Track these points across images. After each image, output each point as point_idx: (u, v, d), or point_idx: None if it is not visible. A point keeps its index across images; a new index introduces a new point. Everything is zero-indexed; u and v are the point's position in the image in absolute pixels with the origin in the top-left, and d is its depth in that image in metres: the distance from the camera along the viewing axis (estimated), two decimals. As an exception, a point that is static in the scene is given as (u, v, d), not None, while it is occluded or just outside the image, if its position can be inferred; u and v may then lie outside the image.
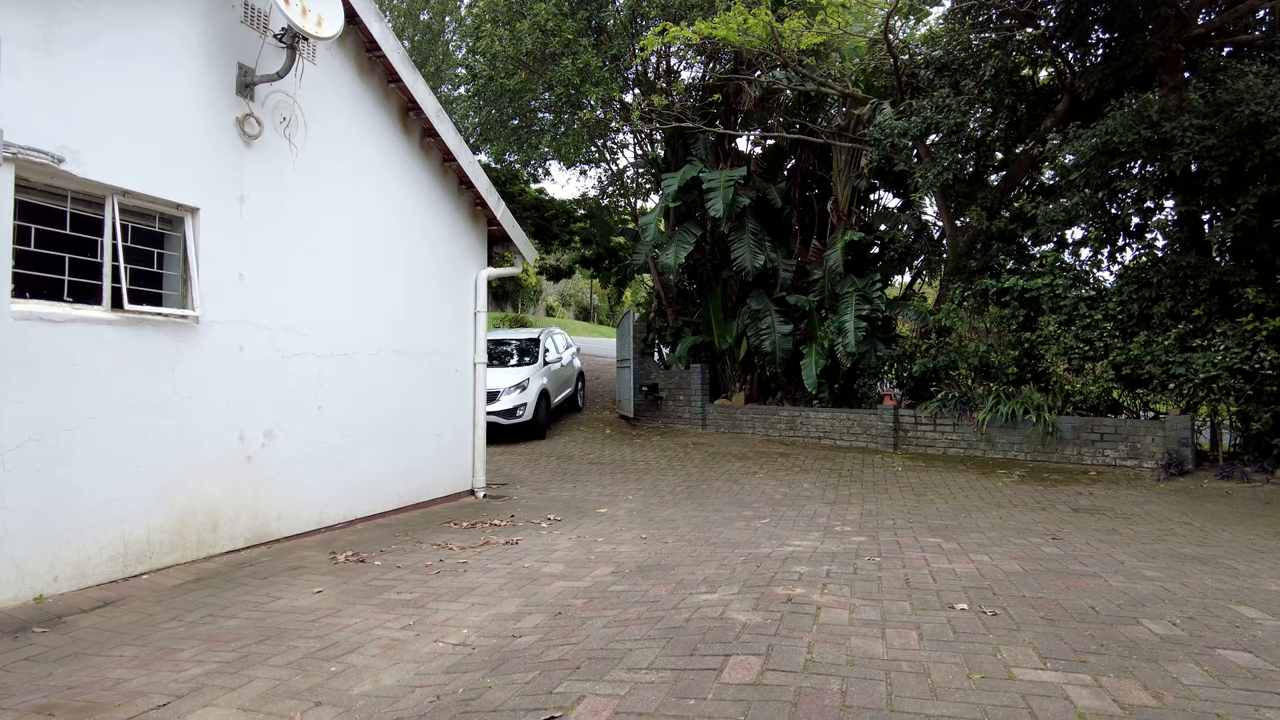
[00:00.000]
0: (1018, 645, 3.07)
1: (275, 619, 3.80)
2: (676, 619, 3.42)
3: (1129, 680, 2.72)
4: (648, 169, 16.99)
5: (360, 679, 3.03)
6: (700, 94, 14.94)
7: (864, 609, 3.56)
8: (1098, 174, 9.84)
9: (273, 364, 5.53)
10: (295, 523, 5.74)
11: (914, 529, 5.88)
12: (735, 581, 4.13)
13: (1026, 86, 12.11)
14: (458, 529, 6.18)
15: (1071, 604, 3.72)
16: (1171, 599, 3.85)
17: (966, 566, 4.53)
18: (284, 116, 5.60)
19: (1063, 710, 2.46)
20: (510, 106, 14.72)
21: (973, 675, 2.73)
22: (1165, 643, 3.15)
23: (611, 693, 2.58)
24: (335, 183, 6.12)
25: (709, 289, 14.95)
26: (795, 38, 11.56)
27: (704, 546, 5.25)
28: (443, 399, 7.40)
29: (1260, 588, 4.16)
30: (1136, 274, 10.06)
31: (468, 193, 7.66)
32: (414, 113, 6.92)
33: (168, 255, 4.95)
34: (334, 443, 6.08)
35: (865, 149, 12.23)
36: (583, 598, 4.03)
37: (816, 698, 2.48)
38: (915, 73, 12.11)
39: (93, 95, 4.29)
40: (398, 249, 6.82)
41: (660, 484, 8.75)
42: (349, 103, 6.28)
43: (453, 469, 7.57)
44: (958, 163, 11.08)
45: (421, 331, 7.09)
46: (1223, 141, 8.53)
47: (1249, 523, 6.45)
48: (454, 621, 3.76)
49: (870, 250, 13.99)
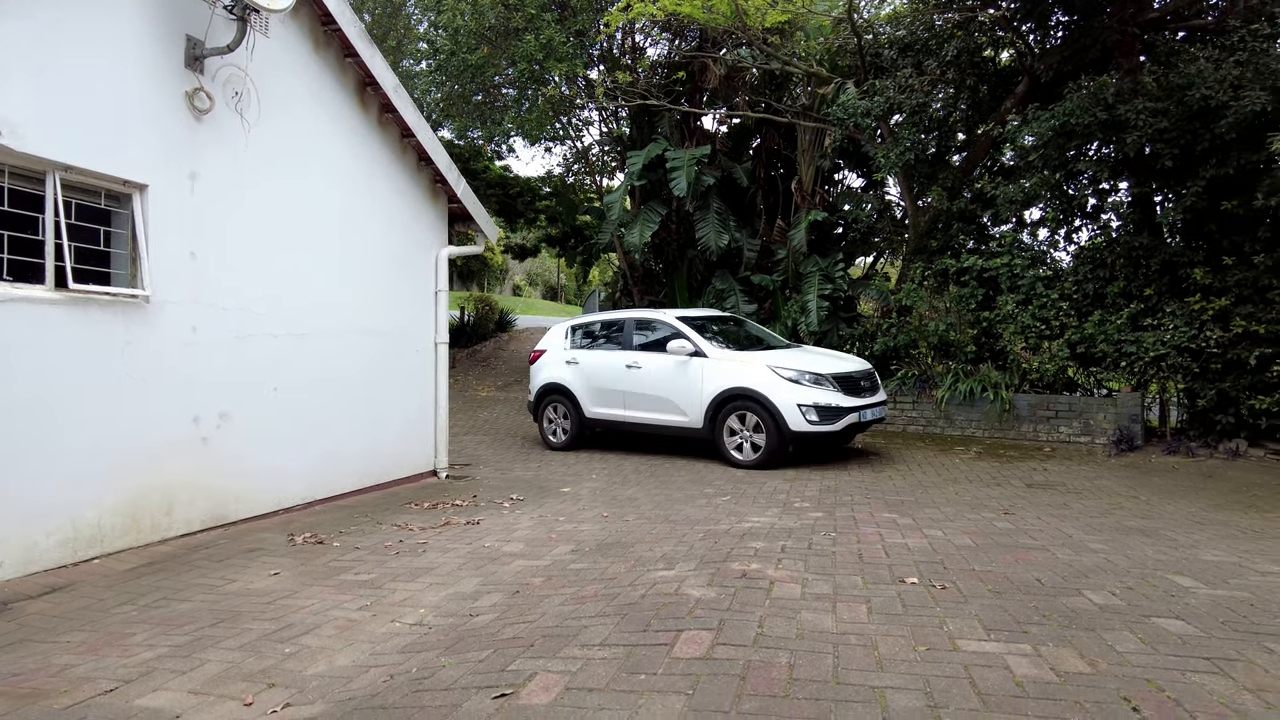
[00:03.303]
0: (964, 618, 3.15)
1: (230, 601, 3.77)
2: (633, 595, 3.46)
3: (1067, 649, 2.81)
4: (613, 146, 16.89)
5: (315, 660, 3.02)
6: (666, 71, 14.86)
7: (816, 583, 3.63)
8: (1055, 155, 9.99)
9: (228, 344, 5.44)
10: (253, 505, 5.68)
11: (870, 505, 5.99)
12: (693, 558, 4.18)
13: (988, 67, 12.21)
14: (419, 510, 6.17)
15: (1019, 576, 3.83)
16: (1114, 570, 3.97)
17: (919, 541, 4.63)
18: (236, 91, 5.46)
19: (1002, 679, 2.53)
20: (473, 82, 14.53)
21: (919, 647, 2.81)
22: (1104, 612, 3.25)
23: (564, 669, 2.61)
24: (291, 159, 6.00)
25: (675, 268, 14.96)
26: (760, 16, 11.52)
27: (664, 524, 5.30)
28: (404, 379, 7.34)
29: (1197, 558, 4.31)
30: (1091, 254, 10.25)
31: (427, 169, 7.55)
32: (371, 88, 6.79)
33: (115, 233, 4.83)
34: (292, 424, 6.01)
35: (829, 129, 12.27)
36: (541, 576, 4.05)
37: (764, 670, 2.54)
38: (879, 52, 12.14)
39: (30, 67, 4.15)
40: (356, 227, 6.72)
41: (624, 463, 8.79)
42: (304, 78, 6.14)
43: (414, 449, 7.53)
44: (920, 143, 11.17)
45: (381, 311, 7.01)
46: (1174, 124, 8.69)
47: (1191, 496, 6.67)
48: (411, 601, 3.76)
49: (834, 230, 14.09)
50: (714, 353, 8.65)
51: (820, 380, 8.10)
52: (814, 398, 7.98)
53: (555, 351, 10.28)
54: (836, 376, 8.20)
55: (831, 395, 8.03)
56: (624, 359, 9.41)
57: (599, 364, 9.68)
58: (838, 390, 8.10)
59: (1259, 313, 8.60)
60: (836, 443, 8.74)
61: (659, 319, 9.42)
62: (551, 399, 10.18)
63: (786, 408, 7.99)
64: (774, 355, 8.67)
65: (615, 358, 9.54)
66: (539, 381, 10.31)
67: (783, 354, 8.80)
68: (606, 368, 9.59)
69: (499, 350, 20.98)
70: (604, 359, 9.67)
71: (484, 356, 20.17)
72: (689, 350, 8.70)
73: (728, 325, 9.89)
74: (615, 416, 9.53)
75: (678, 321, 9.15)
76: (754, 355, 8.61)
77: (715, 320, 9.82)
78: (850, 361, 8.93)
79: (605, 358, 9.66)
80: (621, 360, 9.45)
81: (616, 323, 9.90)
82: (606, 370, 9.57)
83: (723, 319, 10.04)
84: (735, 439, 8.38)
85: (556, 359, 10.18)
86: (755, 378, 8.25)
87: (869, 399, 8.42)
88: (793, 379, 8.10)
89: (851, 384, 8.31)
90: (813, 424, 7.94)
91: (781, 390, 8.06)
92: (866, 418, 8.32)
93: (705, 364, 8.62)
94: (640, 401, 9.22)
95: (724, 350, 8.72)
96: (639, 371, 9.20)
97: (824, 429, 7.98)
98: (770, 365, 8.26)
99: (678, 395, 8.82)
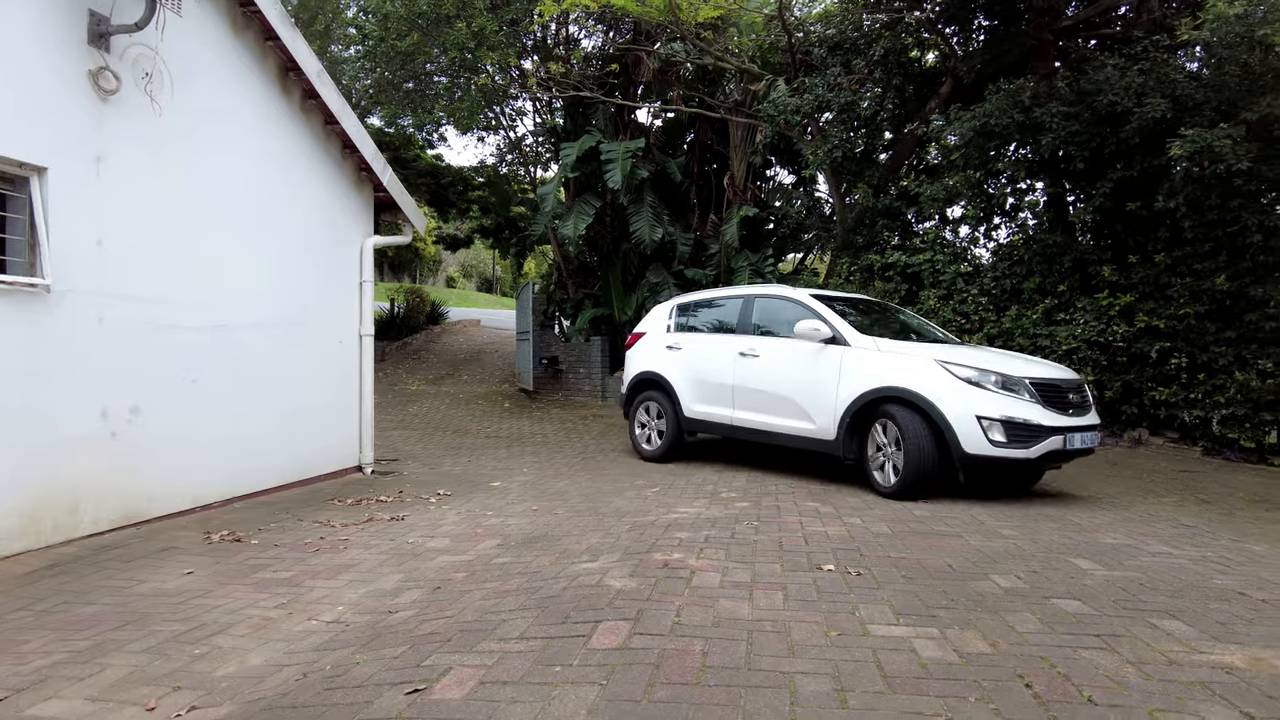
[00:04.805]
0: (876, 603, 3.25)
1: (138, 603, 3.64)
2: (554, 588, 3.47)
3: (971, 631, 2.93)
4: (547, 138, 16.77)
5: (225, 660, 2.95)
6: (600, 63, 14.82)
7: (736, 572, 3.70)
8: (977, 155, 10.33)
9: (139, 336, 5.22)
10: (168, 502, 5.48)
11: (795, 494, 6.11)
12: (617, 549, 4.21)
13: (914, 68, 12.56)
14: (342, 506, 6.05)
15: (931, 562, 3.97)
16: (1021, 555, 4.15)
17: (839, 529, 4.75)
18: (146, 71, 5.24)
19: (908, 662, 2.63)
20: (403, 69, 14.24)
21: (830, 633, 2.89)
22: (1008, 595, 3.40)
23: (480, 663, 2.60)
24: (208, 145, 5.78)
25: (609, 261, 14.96)
26: (693, 10, 11.59)
27: (592, 516, 5.31)
28: (327, 373, 7.17)
29: (1098, 541, 4.54)
30: (1010, 251, 10.65)
31: (352, 157, 7.38)
32: (294, 73, 6.60)
33: (12, 219, 4.58)
34: (210, 418, 5.81)
35: (761, 125, 12.44)
36: (465, 571, 4.03)
37: (679, 659, 2.58)
38: (809, 51, 12.36)
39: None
40: (277, 216, 6.53)
41: (556, 456, 8.77)
42: (222, 60, 5.92)
43: (339, 445, 7.37)
44: (848, 141, 11.42)
45: (303, 302, 6.83)
46: (1085, 128, 9.09)
47: (1098, 483, 7.01)
48: (330, 599, 3.69)
49: (765, 226, 14.29)
50: (858, 340, 6.54)
51: (1012, 386, 5.88)
52: (1002, 409, 5.75)
53: (655, 335, 8.50)
54: (1036, 384, 5.93)
55: (1028, 408, 5.78)
56: (736, 345, 7.48)
57: (704, 350, 7.84)
58: (1035, 402, 5.83)
59: (1159, 308, 9.07)
60: (1024, 476, 6.46)
61: (787, 296, 7.40)
62: (645, 395, 8.39)
63: (961, 420, 5.78)
64: (943, 349, 6.37)
65: (725, 344, 7.61)
66: (632, 372, 8.56)
67: (954, 349, 6.55)
68: (713, 355, 7.70)
69: (430, 343, 20.69)
70: (711, 345, 7.80)
71: (415, 349, 19.86)
72: (823, 335, 6.67)
73: (873, 311, 7.77)
74: (720, 418, 7.58)
75: (810, 299, 7.17)
76: (913, 346, 6.47)
77: (858, 304, 7.74)
78: (1050, 367, 6.51)
79: (713, 343, 7.79)
80: (733, 347, 7.50)
81: (732, 300, 7.99)
82: (713, 359, 7.69)
83: (866, 303, 7.96)
84: (879, 455, 6.21)
85: (655, 344, 8.40)
86: (916, 375, 6.05)
87: (1078, 418, 6.06)
88: (972, 380, 5.89)
89: (1056, 396, 6.00)
90: (998, 446, 5.70)
91: (955, 395, 5.86)
92: (1074, 445, 5.93)
93: (845, 355, 6.53)
94: (753, 400, 7.25)
95: (871, 339, 6.55)
96: (754, 362, 7.28)
97: (1012, 455, 5.72)
98: (940, 360, 6.05)
99: (803, 394, 6.78)
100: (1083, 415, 6.17)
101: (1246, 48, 7.73)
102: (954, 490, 6.21)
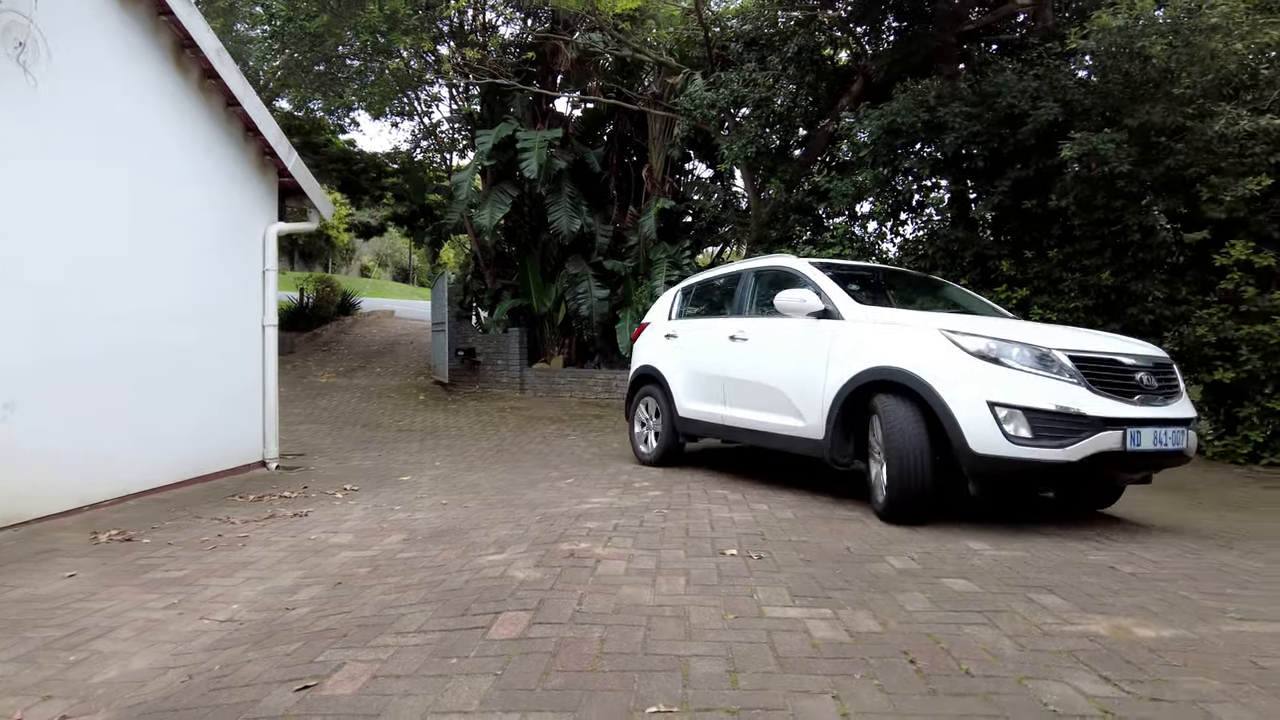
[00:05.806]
0: (774, 586, 3.34)
1: (8, 610, 3.43)
2: (457, 581, 3.44)
3: (863, 611, 3.03)
4: (463, 124, 16.48)
5: (105, 666, 2.81)
6: (518, 51, 14.64)
7: (641, 559, 3.74)
8: (885, 152, 10.65)
9: (20, 326, 4.90)
10: (51, 502, 5.18)
11: (705, 483, 6.20)
12: (525, 541, 4.19)
13: (827, 66, 12.84)
14: (243, 502, 5.84)
15: (831, 546, 4.09)
16: (915, 538, 4.32)
17: (745, 515, 4.85)
18: (19, 41, 4.91)
19: (800, 642, 2.71)
20: (313, 51, 13.78)
21: (728, 616, 2.95)
22: (901, 575, 3.54)
23: (374, 658, 2.56)
24: (95, 123, 5.46)
25: (528, 252, 14.84)
26: (611, 1, 11.57)
27: (504, 509, 5.28)
28: (228, 364, 6.90)
29: (992, 521, 4.76)
30: (915, 246, 11.04)
31: (255, 140, 7.10)
32: (191, 50, 6.30)
33: None
34: (100, 413, 5.51)
35: (679, 118, 12.53)
36: (368, 566, 3.95)
37: (576, 646, 2.59)
38: (726, 45, 12.50)
39: None
40: (173, 200, 6.23)
41: (470, 449, 8.67)
42: (109, 33, 5.60)
43: (241, 439, 7.10)
44: (763, 136, 11.61)
45: (202, 291, 6.54)
46: (986, 128, 9.48)
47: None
48: (224, 598, 3.57)
49: (683, 219, 14.43)
50: (852, 311, 5.18)
51: (1045, 360, 4.35)
52: (1026, 391, 4.26)
53: (657, 324, 7.49)
54: (1080, 359, 4.39)
55: (1064, 390, 4.25)
56: (728, 328, 6.28)
57: (699, 337, 6.75)
58: (1078, 383, 4.29)
59: (1053, 301, 9.55)
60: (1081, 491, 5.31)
61: (785, 267, 6.07)
62: (644, 391, 7.36)
63: (965, 406, 4.33)
64: (953, 318, 4.90)
65: (718, 328, 6.44)
66: (633, 366, 7.66)
67: (973, 318, 5.02)
68: (706, 342, 6.57)
69: (341, 334, 20.11)
70: (705, 330, 6.70)
71: (325, 341, 19.28)
72: (811, 308, 5.28)
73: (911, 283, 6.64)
74: (712, 418, 6.41)
75: (805, 266, 5.84)
76: (915, 315, 5.06)
77: (893, 275, 6.61)
78: (1115, 340, 4.88)
79: (706, 328, 6.69)
80: (725, 330, 6.31)
81: (729, 277, 6.88)
82: (706, 346, 6.56)
83: (903, 274, 6.83)
84: (874, 463, 4.87)
85: (656, 334, 7.40)
86: (908, 351, 4.66)
87: (1154, 408, 4.43)
88: (985, 354, 4.42)
89: (1114, 376, 4.42)
90: (1019, 443, 4.20)
91: (959, 374, 4.43)
92: (1141, 444, 4.26)
93: (837, 331, 5.16)
94: (742, 393, 6.01)
95: (869, 308, 5.19)
96: (743, 347, 6.05)
97: (1041, 456, 4.19)
98: (944, 329, 4.63)
99: (790, 384, 5.49)
100: (1162, 404, 4.49)
101: (1128, 57, 8.20)
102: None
